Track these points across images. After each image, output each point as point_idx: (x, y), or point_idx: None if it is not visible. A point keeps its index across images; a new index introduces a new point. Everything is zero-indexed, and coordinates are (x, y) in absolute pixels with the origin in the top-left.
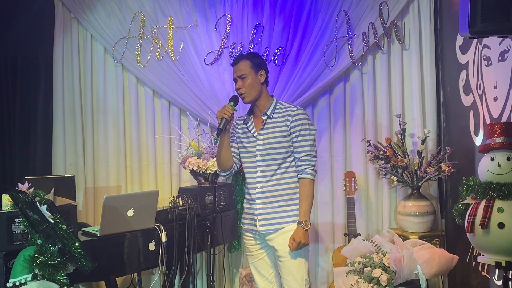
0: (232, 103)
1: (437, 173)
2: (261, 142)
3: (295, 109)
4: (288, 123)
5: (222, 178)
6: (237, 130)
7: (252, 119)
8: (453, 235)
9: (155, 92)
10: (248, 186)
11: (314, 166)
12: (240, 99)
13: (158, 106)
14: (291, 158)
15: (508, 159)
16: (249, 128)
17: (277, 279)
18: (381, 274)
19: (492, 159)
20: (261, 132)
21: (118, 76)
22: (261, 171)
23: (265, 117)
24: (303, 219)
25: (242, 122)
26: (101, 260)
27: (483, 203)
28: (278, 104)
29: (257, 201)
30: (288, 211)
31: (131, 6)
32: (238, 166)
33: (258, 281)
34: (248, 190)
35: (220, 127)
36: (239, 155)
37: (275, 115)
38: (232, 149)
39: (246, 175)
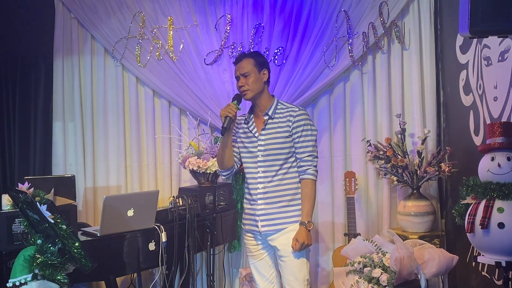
0: (235, 101)
1: (437, 173)
2: (262, 143)
3: (297, 109)
4: (290, 124)
5: (223, 177)
6: (237, 130)
7: (253, 119)
8: (453, 235)
9: (155, 92)
10: (248, 186)
11: (315, 166)
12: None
13: (158, 106)
14: (292, 159)
15: (508, 159)
16: (250, 128)
17: (278, 279)
18: (381, 274)
19: (492, 159)
20: (263, 132)
21: (118, 76)
22: (263, 172)
23: (266, 117)
24: (306, 220)
25: (242, 121)
26: (101, 260)
27: (483, 203)
28: (279, 104)
29: (259, 201)
30: (290, 212)
31: (131, 6)
32: (239, 166)
33: (258, 281)
34: (249, 191)
35: (225, 126)
36: (239, 155)
37: (276, 115)
38: (233, 148)
39: (247, 175)
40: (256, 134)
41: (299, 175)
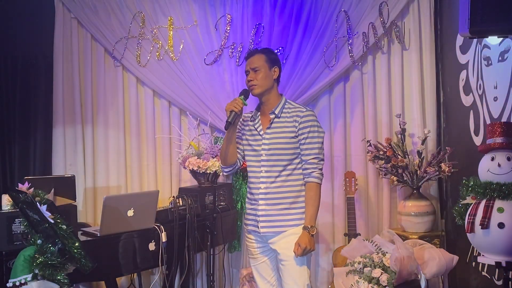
0: (242, 96)
1: (437, 173)
2: (267, 142)
3: (305, 110)
4: (297, 124)
5: (224, 174)
6: (243, 127)
7: (260, 117)
8: (453, 235)
9: (155, 92)
10: (250, 185)
11: (321, 169)
12: (250, 93)
13: (158, 106)
14: (297, 160)
15: (508, 159)
16: (256, 126)
17: (279, 282)
18: (381, 274)
19: (492, 159)
20: (268, 131)
21: (118, 76)
22: (266, 171)
23: (272, 116)
24: (309, 224)
25: (249, 119)
26: (101, 260)
27: (483, 203)
28: (287, 103)
29: (260, 202)
30: (291, 214)
31: (131, 6)
32: (241, 163)
33: (259, 283)
34: (251, 190)
35: (229, 120)
36: (243, 152)
37: (283, 115)
38: (237, 145)
39: (250, 174)
40: (261, 133)
41: (303, 177)
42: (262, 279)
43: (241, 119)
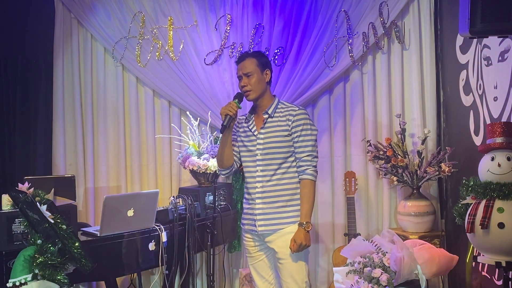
0: (236, 100)
1: (437, 173)
2: (261, 141)
3: (297, 109)
4: (290, 123)
5: (222, 176)
6: (237, 129)
7: (254, 118)
8: (453, 235)
9: (155, 92)
10: (247, 185)
11: (315, 166)
12: (244, 96)
13: (158, 106)
14: (292, 158)
15: (508, 159)
16: (250, 127)
17: (277, 281)
18: (381, 274)
19: (492, 159)
20: (262, 131)
21: (118, 76)
22: (261, 171)
23: (266, 116)
24: (304, 221)
25: (243, 120)
26: (101, 260)
27: (483, 203)
28: (280, 103)
29: (257, 201)
30: (288, 212)
31: (131, 6)
32: (238, 165)
33: (258, 282)
34: (248, 190)
35: (224, 124)
36: (239, 154)
37: (276, 114)
38: (233, 147)
39: (246, 174)
40: (256, 133)
41: (298, 175)
42: (260, 277)
43: (236, 122)
